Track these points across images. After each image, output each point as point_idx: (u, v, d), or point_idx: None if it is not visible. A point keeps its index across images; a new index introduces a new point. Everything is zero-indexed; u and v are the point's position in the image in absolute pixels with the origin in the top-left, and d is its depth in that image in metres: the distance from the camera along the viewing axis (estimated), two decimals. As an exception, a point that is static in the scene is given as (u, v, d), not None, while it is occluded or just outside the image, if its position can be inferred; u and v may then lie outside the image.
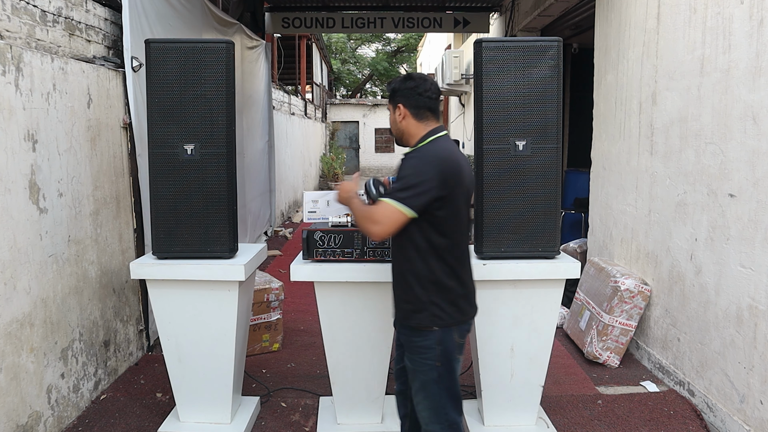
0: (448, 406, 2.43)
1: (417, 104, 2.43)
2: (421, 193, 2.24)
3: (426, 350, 2.39)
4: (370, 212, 2.30)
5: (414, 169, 2.28)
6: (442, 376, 2.40)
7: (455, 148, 2.44)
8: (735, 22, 3.19)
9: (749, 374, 3.07)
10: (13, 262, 2.88)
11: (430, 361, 2.39)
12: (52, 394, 3.19)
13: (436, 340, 2.38)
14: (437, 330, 2.38)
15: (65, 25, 3.51)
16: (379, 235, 2.29)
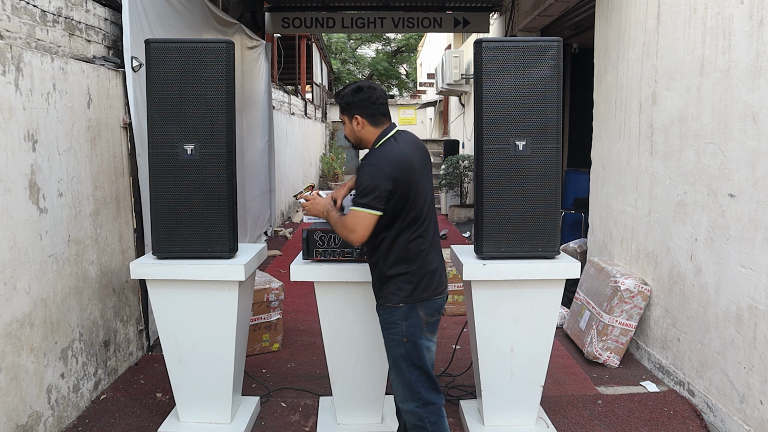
0: (420, 385, 2.63)
1: (373, 112, 2.66)
2: (380, 194, 2.50)
3: (393, 326, 2.63)
4: (345, 222, 2.58)
5: (369, 176, 2.52)
6: (409, 352, 2.62)
7: (402, 141, 2.67)
8: (735, 22, 3.19)
9: (749, 374, 3.07)
10: (13, 262, 2.88)
11: (397, 336, 2.62)
12: (52, 394, 3.19)
13: (401, 315, 2.61)
14: (402, 306, 2.61)
15: (65, 25, 3.51)
16: (358, 240, 2.55)
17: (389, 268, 2.63)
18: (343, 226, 2.58)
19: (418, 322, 2.62)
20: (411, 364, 2.62)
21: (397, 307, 2.61)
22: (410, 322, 2.61)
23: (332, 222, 2.68)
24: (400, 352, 2.62)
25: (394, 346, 2.64)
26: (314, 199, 2.76)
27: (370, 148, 2.68)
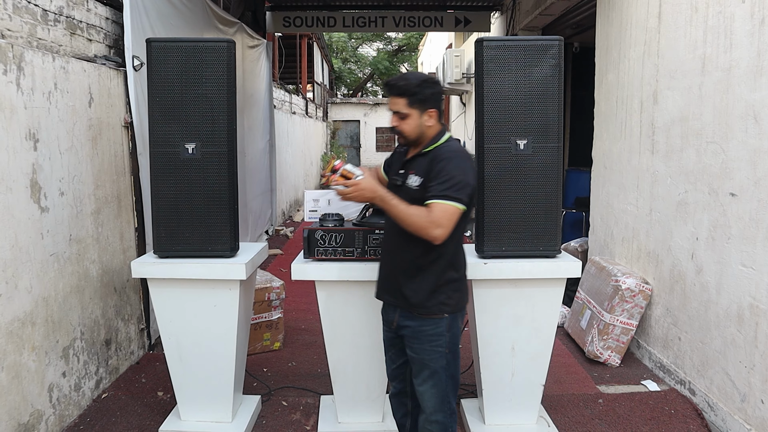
0: (451, 394, 2.53)
1: (441, 108, 2.53)
2: (471, 191, 2.35)
3: (438, 337, 2.46)
4: (430, 216, 2.28)
5: (459, 169, 2.34)
6: (449, 363, 2.49)
7: None
8: (736, 21, 3.19)
9: (750, 373, 3.07)
10: (15, 261, 2.88)
11: (441, 348, 2.46)
12: (54, 392, 3.20)
13: (446, 326, 2.46)
14: (447, 316, 2.46)
15: (66, 24, 3.51)
16: (442, 237, 2.30)
17: (442, 274, 2.45)
18: (426, 219, 2.29)
19: (458, 331, 2.52)
20: (449, 375, 2.50)
21: (442, 318, 2.45)
22: (453, 333, 2.48)
23: (397, 211, 2.34)
24: (442, 363, 2.47)
25: (437, 359, 2.46)
26: (357, 184, 2.38)
27: (426, 144, 2.47)
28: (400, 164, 2.57)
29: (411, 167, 2.47)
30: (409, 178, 2.44)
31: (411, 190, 2.40)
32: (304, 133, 14.68)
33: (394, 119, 2.46)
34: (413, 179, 2.42)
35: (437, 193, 2.31)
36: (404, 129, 2.45)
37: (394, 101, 2.44)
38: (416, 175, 2.42)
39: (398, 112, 2.43)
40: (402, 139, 2.49)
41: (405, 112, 2.43)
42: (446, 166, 2.34)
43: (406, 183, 2.44)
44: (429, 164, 2.39)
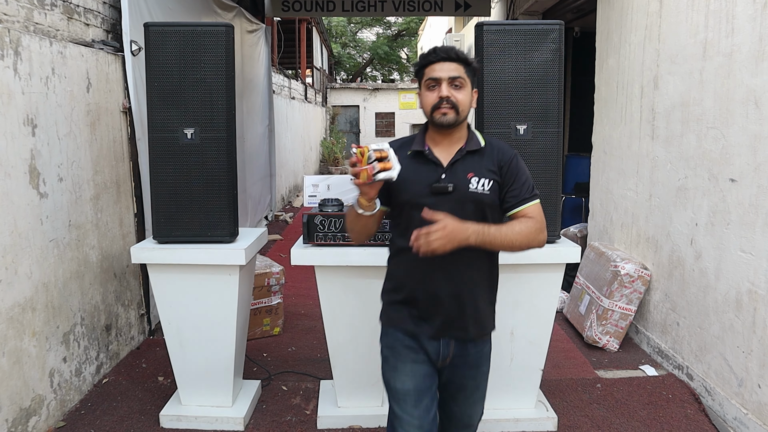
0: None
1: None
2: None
3: (488, 358, 2.27)
4: (537, 223, 2.02)
5: (526, 168, 2.13)
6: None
7: None
8: (738, 6, 3.17)
9: (747, 358, 3.09)
10: (14, 246, 2.88)
11: (488, 367, 2.29)
12: (55, 377, 3.21)
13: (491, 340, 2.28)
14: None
15: (63, 8, 3.48)
16: (546, 237, 2.07)
17: (494, 294, 2.22)
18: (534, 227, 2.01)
19: None
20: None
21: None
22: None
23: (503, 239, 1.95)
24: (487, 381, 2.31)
25: (486, 380, 2.30)
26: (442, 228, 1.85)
27: (469, 137, 2.12)
28: (434, 167, 2.06)
29: (466, 168, 2.06)
30: (471, 182, 2.03)
31: (481, 195, 2.03)
32: (304, 119, 14.64)
33: (445, 87, 2.01)
34: (480, 182, 2.03)
35: (528, 195, 2.06)
36: (460, 100, 2.03)
37: (449, 67, 2.02)
38: (479, 176, 2.04)
39: (457, 77, 2.02)
40: (445, 116, 2.02)
41: (463, 79, 2.04)
42: (519, 163, 2.09)
43: (471, 188, 2.02)
44: (492, 163, 2.06)
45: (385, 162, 1.85)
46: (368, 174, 1.84)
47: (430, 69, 2.04)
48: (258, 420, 3.29)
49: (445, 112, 2.02)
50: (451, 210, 1.95)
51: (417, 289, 2.10)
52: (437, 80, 2.02)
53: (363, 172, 1.84)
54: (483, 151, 2.09)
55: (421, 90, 2.10)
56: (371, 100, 24.10)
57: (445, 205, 1.98)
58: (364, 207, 2.00)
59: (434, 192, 2.02)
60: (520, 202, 2.05)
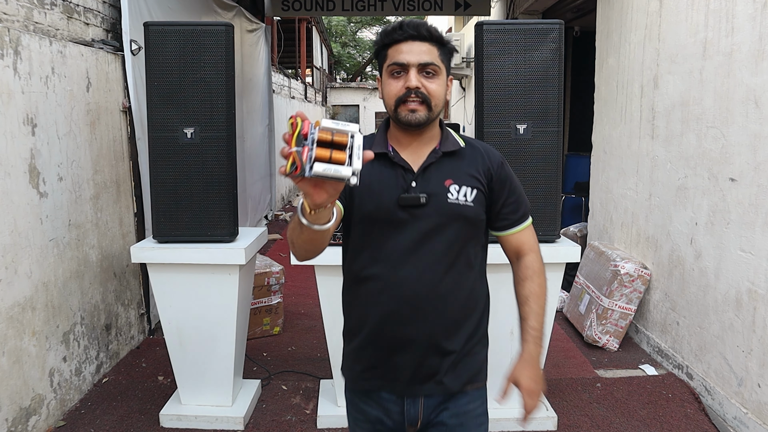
0: None
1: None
2: None
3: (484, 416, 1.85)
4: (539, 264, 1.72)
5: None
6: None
7: None
8: (738, 5, 3.17)
9: (747, 358, 3.09)
10: (14, 246, 2.88)
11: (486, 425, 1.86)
12: (55, 377, 3.21)
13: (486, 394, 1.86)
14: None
15: (63, 8, 3.48)
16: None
17: (486, 314, 1.84)
18: (541, 265, 1.73)
19: None
20: None
21: (484, 385, 1.85)
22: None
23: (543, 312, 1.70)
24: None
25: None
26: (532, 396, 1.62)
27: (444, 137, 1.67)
28: (401, 173, 1.60)
29: (442, 174, 1.61)
30: (450, 190, 1.59)
31: (464, 208, 1.59)
32: (304, 118, 14.61)
33: (414, 75, 1.54)
34: (461, 191, 1.59)
35: (526, 209, 1.72)
36: (433, 92, 1.56)
37: (419, 48, 1.55)
38: (459, 183, 1.60)
39: (429, 63, 1.55)
40: (414, 114, 1.56)
41: (437, 66, 1.57)
42: (509, 169, 1.70)
43: (450, 199, 1.58)
44: (475, 167, 1.64)
45: (336, 151, 1.12)
46: (296, 161, 1.10)
47: (395, 50, 1.57)
48: (258, 419, 3.29)
49: (414, 108, 1.55)
50: (426, 229, 1.56)
51: (380, 328, 1.60)
52: (404, 66, 1.55)
53: (289, 156, 1.10)
54: (462, 152, 1.66)
55: (383, 76, 1.61)
56: (371, 99, 24.10)
57: (417, 222, 1.56)
58: (307, 216, 1.26)
59: (403, 204, 1.56)
60: (517, 221, 1.69)
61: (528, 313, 1.67)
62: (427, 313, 1.59)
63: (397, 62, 1.56)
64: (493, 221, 1.70)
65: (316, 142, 1.10)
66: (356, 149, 1.12)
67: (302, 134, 1.10)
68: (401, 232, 1.57)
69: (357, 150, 1.12)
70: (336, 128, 1.11)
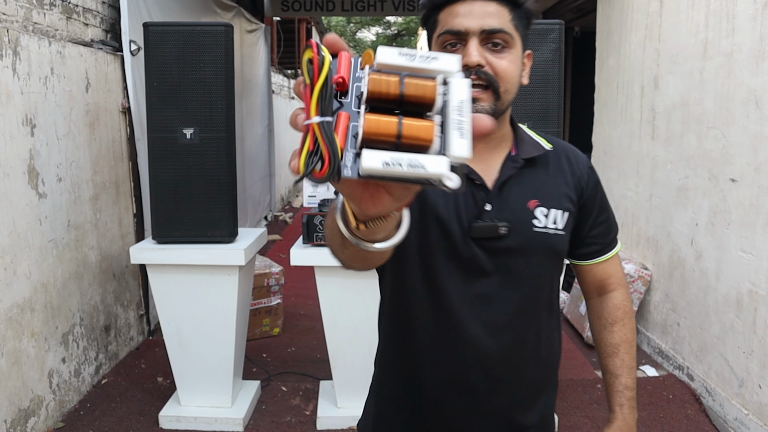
0: None
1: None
2: None
3: None
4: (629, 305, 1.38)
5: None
6: None
7: None
8: (739, 5, 3.16)
9: (748, 359, 3.08)
10: (13, 247, 2.87)
11: None
12: (54, 378, 3.20)
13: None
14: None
15: (62, 8, 3.47)
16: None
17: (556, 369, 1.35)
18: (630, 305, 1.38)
19: None
20: None
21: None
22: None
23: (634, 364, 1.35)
24: None
25: None
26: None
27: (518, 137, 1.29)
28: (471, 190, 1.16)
29: (524, 191, 1.19)
30: (537, 214, 1.18)
31: (554, 238, 1.20)
32: (303, 119, 14.61)
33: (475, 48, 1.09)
34: (551, 217, 1.19)
35: (616, 230, 1.38)
36: (502, 71, 1.12)
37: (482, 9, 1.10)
38: (547, 205, 1.19)
39: (498, 30, 1.10)
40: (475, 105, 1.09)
41: (508, 34, 1.12)
42: (600, 185, 1.35)
43: (537, 227, 1.17)
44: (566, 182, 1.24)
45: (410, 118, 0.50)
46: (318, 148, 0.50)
47: (449, 13, 1.12)
48: (257, 421, 3.28)
49: (476, 96, 1.09)
50: (505, 268, 1.16)
51: (437, 399, 1.20)
52: (460, 34, 1.10)
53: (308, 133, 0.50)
54: (547, 158, 1.24)
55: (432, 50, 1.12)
56: (371, 100, 24.07)
57: (493, 259, 1.16)
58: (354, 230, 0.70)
59: (476, 237, 1.14)
60: (607, 247, 1.33)
61: (620, 367, 1.32)
62: (502, 380, 1.20)
63: (451, 30, 1.10)
64: (576, 247, 1.30)
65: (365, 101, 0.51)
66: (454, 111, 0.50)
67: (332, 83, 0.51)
68: (472, 272, 1.15)
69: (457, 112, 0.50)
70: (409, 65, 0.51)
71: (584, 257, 1.33)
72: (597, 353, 1.39)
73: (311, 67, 0.50)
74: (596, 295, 1.40)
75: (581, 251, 1.32)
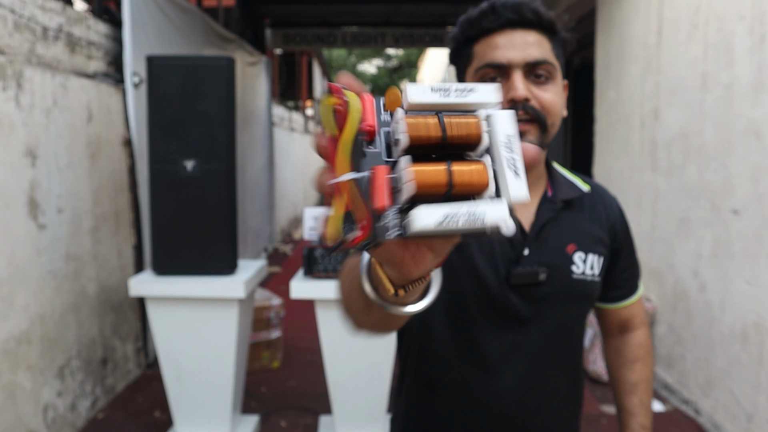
0: None
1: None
2: None
3: None
4: (648, 347, 1.37)
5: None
6: None
7: None
8: (736, 38, 3.19)
9: (756, 393, 3.03)
10: (11, 278, 2.85)
11: None
12: (49, 412, 3.15)
13: None
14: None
15: (66, 41, 3.51)
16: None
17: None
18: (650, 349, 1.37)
19: None
20: None
21: None
22: None
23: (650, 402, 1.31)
24: None
25: None
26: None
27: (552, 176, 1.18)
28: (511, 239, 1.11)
29: (561, 235, 1.14)
30: (575, 260, 1.13)
31: (591, 284, 1.16)
32: (304, 150, 14.71)
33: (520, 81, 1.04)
34: (588, 262, 1.15)
35: (640, 272, 1.36)
36: (549, 104, 1.07)
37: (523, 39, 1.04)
38: (584, 250, 1.15)
39: (540, 63, 1.05)
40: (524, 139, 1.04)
41: (551, 65, 1.07)
42: (629, 228, 1.28)
43: (575, 273, 1.13)
44: (600, 225, 1.20)
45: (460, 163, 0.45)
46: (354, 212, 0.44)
47: (487, 45, 1.05)
48: (256, 457, 3.22)
49: (524, 129, 1.04)
50: (542, 317, 1.11)
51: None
52: (502, 68, 1.04)
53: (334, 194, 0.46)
54: (582, 200, 1.19)
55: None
56: (371, 131, 24.23)
57: (530, 307, 1.10)
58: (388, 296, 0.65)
59: (515, 284, 1.08)
60: (633, 289, 1.33)
61: (638, 406, 1.27)
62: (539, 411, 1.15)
63: (493, 63, 1.03)
64: (605, 290, 1.25)
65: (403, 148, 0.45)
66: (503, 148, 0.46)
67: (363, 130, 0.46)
68: (507, 320, 1.09)
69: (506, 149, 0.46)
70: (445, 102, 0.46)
71: (612, 300, 1.30)
72: (613, 390, 1.36)
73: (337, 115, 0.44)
74: (618, 333, 1.38)
75: (610, 294, 1.28)
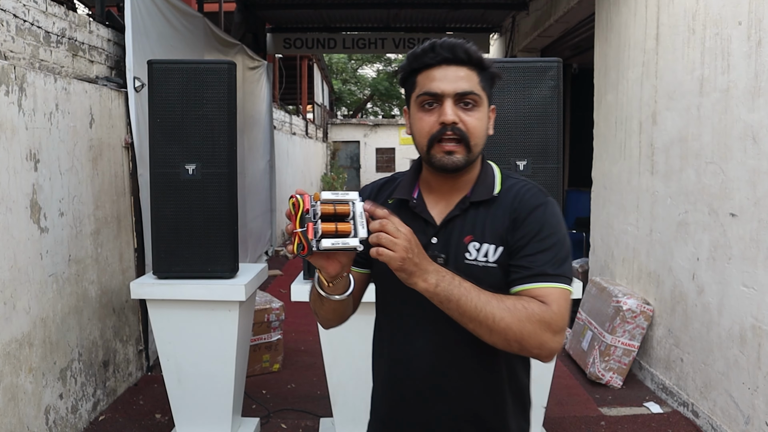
0: None
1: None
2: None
3: None
4: (544, 312, 1.24)
5: (562, 225, 1.38)
6: None
7: None
8: (733, 43, 3.22)
9: (754, 395, 3.05)
10: (13, 281, 2.87)
11: None
12: (50, 415, 3.16)
13: None
14: None
15: (69, 45, 3.53)
16: (559, 348, 1.31)
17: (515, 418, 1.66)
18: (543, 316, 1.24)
19: None
20: None
21: None
22: None
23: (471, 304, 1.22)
24: None
25: None
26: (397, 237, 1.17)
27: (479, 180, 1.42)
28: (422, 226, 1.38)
29: (463, 229, 1.36)
30: (469, 248, 1.34)
31: (484, 269, 1.33)
32: (304, 154, 14.73)
33: (450, 108, 1.31)
34: (483, 249, 1.34)
35: (551, 270, 1.29)
36: (473, 128, 1.34)
37: (455, 74, 1.32)
38: (481, 241, 1.34)
39: (469, 92, 1.33)
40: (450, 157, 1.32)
41: (477, 95, 1.35)
42: (546, 217, 1.34)
43: (468, 259, 1.34)
44: (505, 218, 1.35)
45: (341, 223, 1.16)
46: (301, 241, 1.15)
47: (426, 77, 1.33)
48: (256, 459, 3.23)
49: (451, 149, 1.31)
50: None
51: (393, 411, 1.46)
52: (437, 96, 1.31)
53: (295, 236, 1.15)
54: (497, 200, 1.38)
55: (411, 109, 1.38)
56: (372, 135, 24.29)
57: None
58: (326, 288, 1.29)
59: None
60: (532, 278, 1.29)
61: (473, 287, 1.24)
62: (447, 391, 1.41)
63: (429, 92, 1.32)
64: (510, 275, 1.33)
65: (320, 216, 1.15)
66: (359, 217, 1.17)
67: (305, 210, 1.15)
68: (417, 295, 1.23)
69: (360, 218, 1.17)
70: (336, 199, 1.17)
71: (512, 283, 1.32)
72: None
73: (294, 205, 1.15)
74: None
75: (510, 278, 1.33)
